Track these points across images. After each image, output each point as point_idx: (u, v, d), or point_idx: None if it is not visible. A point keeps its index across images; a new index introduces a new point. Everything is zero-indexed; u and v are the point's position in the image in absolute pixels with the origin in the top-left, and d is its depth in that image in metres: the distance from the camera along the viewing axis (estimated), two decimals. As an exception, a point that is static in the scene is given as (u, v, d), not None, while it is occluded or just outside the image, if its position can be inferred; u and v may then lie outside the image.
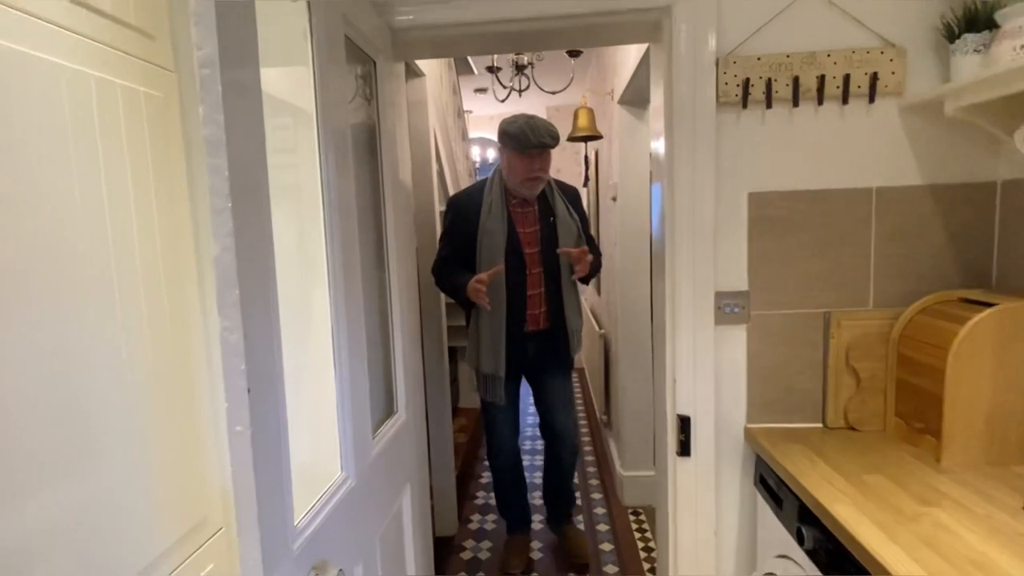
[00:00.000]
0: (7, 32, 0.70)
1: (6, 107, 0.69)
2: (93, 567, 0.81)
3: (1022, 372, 1.10)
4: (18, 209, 0.71)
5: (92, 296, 0.82)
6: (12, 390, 0.69)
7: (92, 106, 0.83)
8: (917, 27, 1.27)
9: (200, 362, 1.06)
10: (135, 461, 0.89)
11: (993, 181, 1.30)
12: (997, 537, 0.88)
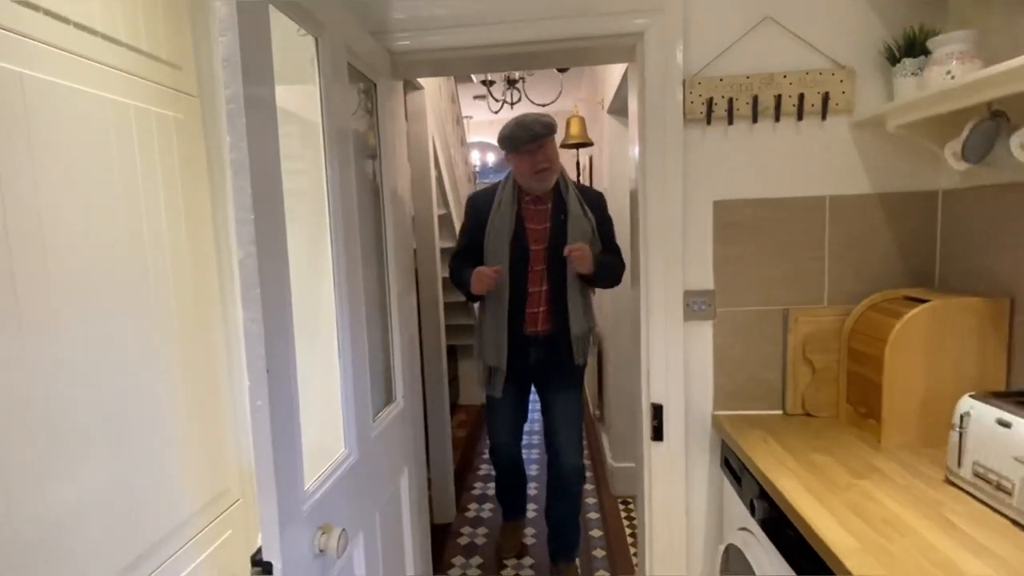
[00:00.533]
0: (67, 73, 0.84)
1: (65, 135, 0.84)
2: (135, 523, 0.95)
3: (952, 362, 1.23)
4: (74, 220, 0.85)
5: (132, 296, 0.96)
6: (73, 376, 0.83)
7: (132, 131, 0.97)
8: (864, 51, 1.40)
9: (220, 353, 1.20)
10: (168, 437, 1.03)
11: (935, 190, 1.43)
12: (913, 503, 1.01)
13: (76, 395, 0.84)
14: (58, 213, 0.82)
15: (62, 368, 0.82)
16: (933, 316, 1.23)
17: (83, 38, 0.88)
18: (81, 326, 0.85)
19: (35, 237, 0.78)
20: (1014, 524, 0.93)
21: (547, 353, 2.03)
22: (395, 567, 1.44)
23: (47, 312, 0.80)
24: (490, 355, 2.02)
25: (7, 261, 0.74)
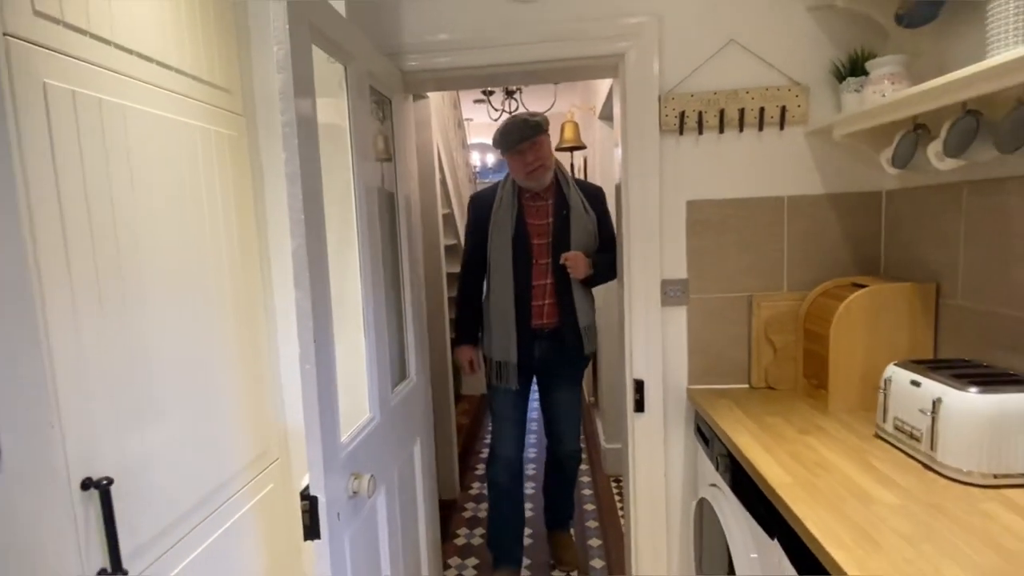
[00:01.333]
0: (153, 103, 1.05)
1: (152, 152, 1.04)
2: (200, 470, 1.16)
3: (887, 338, 1.44)
4: (158, 220, 1.05)
5: (198, 282, 1.17)
6: (157, 347, 1.04)
7: (197, 147, 1.18)
8: (817, 69, 1.61)
9: (262, 331, 1.41)
10: (223, 400, 1.24)
11: (879, 191, 1.64)
12: (844, 451, 1.22)
13: (158, 363, 1.05)
14: (147, 213, 1.02)
15: (149, 341, 1.03)
16: (871, 299, 1.44)
17: (163, 73, 1.08)
18: (162, 306, 1.06)
19: (131, 232, 0.99)
20: (923, 465, 1.13)
21: (552, 345, 2.07)
22: (409, 520, 1.65)
23: (140, 294, 1.00)
24: (499, 350, 2.05)
25: (115, 253, 0.95)
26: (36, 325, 0.80)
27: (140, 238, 1.01)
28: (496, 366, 2.08)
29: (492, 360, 2.09)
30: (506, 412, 2.15)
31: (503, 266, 2.02)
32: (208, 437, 1.18)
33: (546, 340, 2.08)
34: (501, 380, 2.07)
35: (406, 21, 1.68)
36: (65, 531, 0.85)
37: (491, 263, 2.06)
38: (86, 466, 0.87)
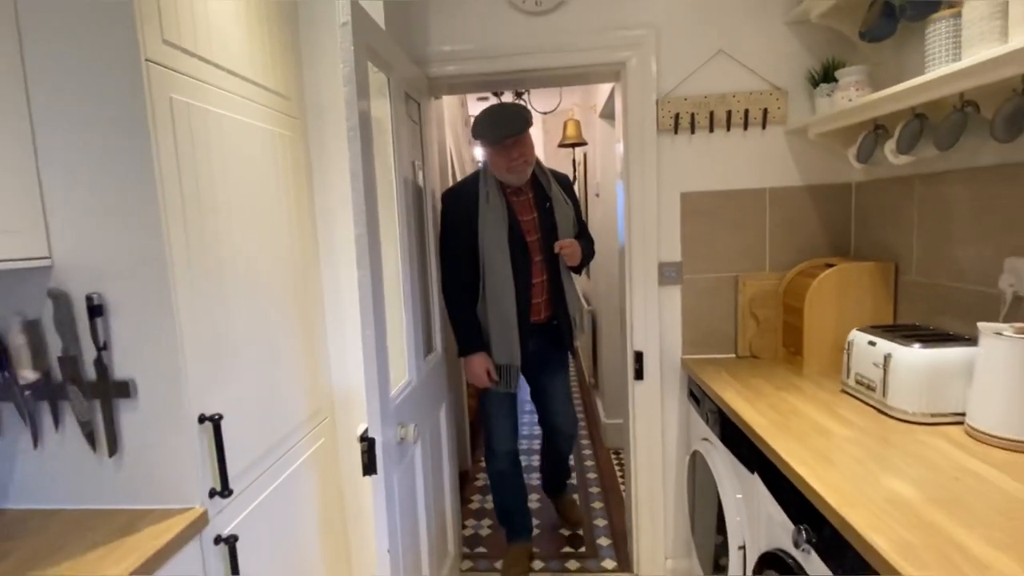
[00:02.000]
0: (238, 110, 1.26)
1: (242, 151, 1.25)
2: (270, 420, 1.37)
3: (853, 310, 1.67)
4: (241, 210, 1.26)
5: (271, 263, 1.38)
6: (241, 317, 1.25)
7: (268, 147, 1.38)
8: (795, 76, 1.83)
9: (319, 307, 1.62)
10: (289, 363, 1.45)
11: (850, 183, 1.86)
12: (813, 403, 1.45)
13: (243, 329, 1.26)
14: (234, 203, 1.23)
15: (238, 311, 1.24)
16: (839, 277, 1.67)
17: (245, 85, 1.29)
18: (244, 282, 1.27)
19: (226, 218, 1.20)
20: (876, 410, 1.36)
21: (544, 339, 2.08)
22: (438, 471, 1.88)
23: (233, 273, 1.21)
24: (501, 354, 1.97)
25: (215, 237, 1.16)
26: (169, 296, 1.02)
27: (232, 223, 1.22)
28: (498, 370, 2.01)
29: (495, 364, 2.00)
30: (502, 411, 2.12)
31: (501, 267, 1.91)
32: (278, 393, 1.39)
33: (538, 334, 2.06)
34: (502, 384, 2.01)
35: (432, 33, 1.88)
36: (186, 456, 1.06)
37: (486, 265, 1.91)
38: (201, 405, 1.08)
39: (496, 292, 1.93)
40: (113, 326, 1.03)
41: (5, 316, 1.03)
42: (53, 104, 0.98)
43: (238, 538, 1.14)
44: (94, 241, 1.01)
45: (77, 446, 1.06)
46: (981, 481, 1.00)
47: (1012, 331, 1.12)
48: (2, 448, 1.08)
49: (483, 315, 1.99)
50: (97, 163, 0.99)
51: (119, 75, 0.96)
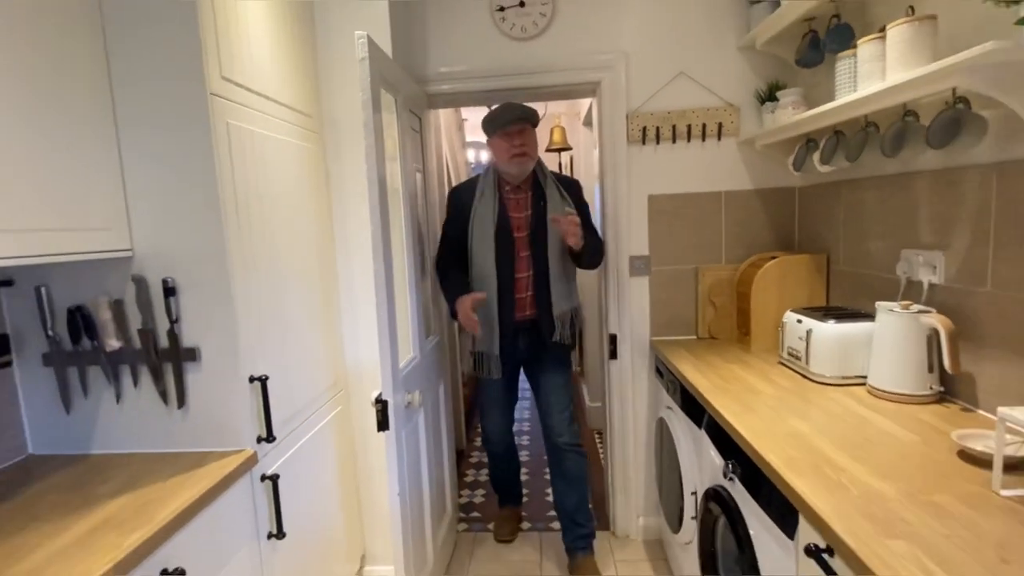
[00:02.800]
0: (275, 129, 1.52)
1: (275, 164, 1.52)
2: (303, 385, 1.64)
3: (792, 295, 1.96)
4: (279, 210, 1.53)
5: (302, 255, 1.64)
6: (287, 299, 1.52)
7: (297, 159, 1.65)
8: (745, 94, 2.11)
9: (336, 293, 1.89)
10: (316, 339, 1.72)
11: (793, 187, 2.15)
12: (753, 372, 1.73)
13: (280, 308, 1.52)
14: (274, 205, 1.49)
15: (275, 294, 1.50)
16: (779, 268, 1.96)
17: (279, 108, 1.55)
18: (280, 272, 1.53)
19: (268, 219, 1.46)
20: (800, 375, 1.65)
21: (534, 336, 2.08)
22: (437, 438, 2.15)
23: (273, 260, 1.48)
24: (480, 341, 2.05)
25: (260, 232, 1.42)
26: (228, 280, 1.28)
27: (270, 222, 1.48)
28: (478, 357, 2.08)
29: (475, 352, 2.09)
30: (494, 399, 2.23)
31: (485, 259, 1.99)
32: (307, 363, 1.66)
33: (527, 332, 2.08)
34: (483, 371, 2.08)
35: (431, 55, 2.15)
36: (240, 409, 1.33)
37: (473, 256, 2.02)
38: (251, 368, 1.35)
39: (479, 281, 2.02)
40: (183, 304, 1.29)
41: (95, 297, 1.29)
42: (136, 130, 1.25)
43: (279, 477, 1.41)
44: (168, 236, 1.27)
45: (152, 401, 1.33)
46: (863, 421, 1.29)
47: (899, 308, 1.41)
48: (88, 404, 1.34)
49: None
50: (170, 175, 1.25)
51: (191, 107, 1.23)
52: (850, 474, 1.04)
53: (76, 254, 1.12)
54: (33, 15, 1.05)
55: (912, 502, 0.94)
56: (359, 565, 2.08)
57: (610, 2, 2.11)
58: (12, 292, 1.31)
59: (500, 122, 1.95)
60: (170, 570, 1.03)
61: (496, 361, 2.05)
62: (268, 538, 1.38)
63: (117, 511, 1.06)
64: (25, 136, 1.02)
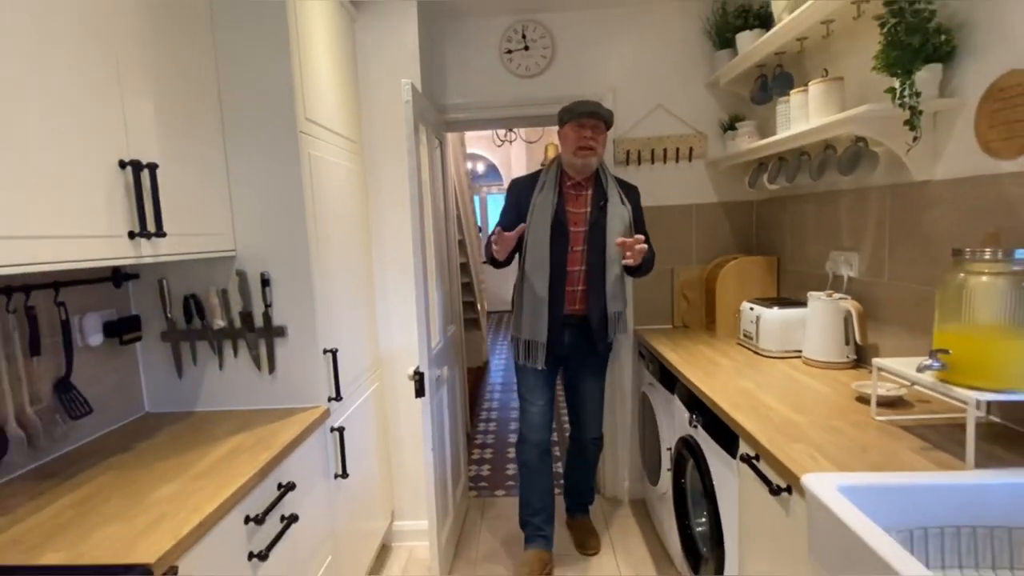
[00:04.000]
0: (332, 154, 1.91)
1: (333, 183, 1.90)
2: (355, 359, 2.01)
3: (749, 290, 2.38)
4: (335, 220, 1.91)
5: (352, 256, 2.03)
6: (340, 293, 1.90)
7: (347, 178, 2.03)
8: (711, 124, 2.54)
9: (375, 286, 2.27)
10: (362, 326, 2.10)
11: (751, 200, 2.58)
12: (715, 350, 2.15)
13: (341, 297, 1.90)
14: (334, 214, 1.87)
15: (338, 286, 1.88)
16: (738, 267, 2.38)
17: (337, 137, 1.94)
18: (340, 268, 1.91)
19: (330, 225, 1.84)
20: (752, 352, 2.07)
21: (581, 332, 2.10)
22: (454, 412, 2.54)
23: (333, 261, 1.85)
24: (528, 329, 2.06)
25: (327, 236, 1.80)
26: (309, 274, 1.66)
27: (332, 227, 1.86)
28: (525, 345, 2.09)
29: (520, 339, 2.10)
30: (535, 395, 2.16)
31: (540, 248, 2.02)
32: (358, 343, 2.04)
33: (575, 327, 2.10)
34: (529, 358, 2.09)
35: (450, 89, 2.56)
36: (316, 374, 1.70)
37: (528, 244, 2.04)
38: (325, 342, 1.73)
39: (532, 271, 2.03)
40: (274, 292, 1.67)
41: (206, 286, 1.66)
42: (242, 161, 1.62)
43: (344, 429, 1.79)
44: (263, 239, 1.65)
45: (248, 368, 1.70)
46: (794, 381, 1.71)
47: (824, 296, 1.83)
48: (196, 371, 1.71)
49: (518, 292, 2.12)
50: (265, 193, 1.63)
51: (285, 142, 1.61)
52: (776, 412, 1.45)
53: (201, 253, 1.49)
54: (181, 82, 1.43)
55: (814, 425, 1.35)
56: (390, 520, 2.45)
57: (599, 47, 2.53)
58: (138, 284, 1.67)
59: (576, 112, 2.00)
60: (283, 483, 1.40)
61: (542, 349, 2.05)
62: (335, 477, 1.76)
63: (240, 443, 1.43)
64: (174, 169, 1.39)
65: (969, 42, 1.35)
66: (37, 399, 1.35)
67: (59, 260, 1.02)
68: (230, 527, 1.16)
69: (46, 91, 1.01)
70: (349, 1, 2.14)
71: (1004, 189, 1.27)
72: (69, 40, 1.07)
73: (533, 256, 2.04)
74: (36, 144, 0.99)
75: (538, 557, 2.19)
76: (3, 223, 0.92)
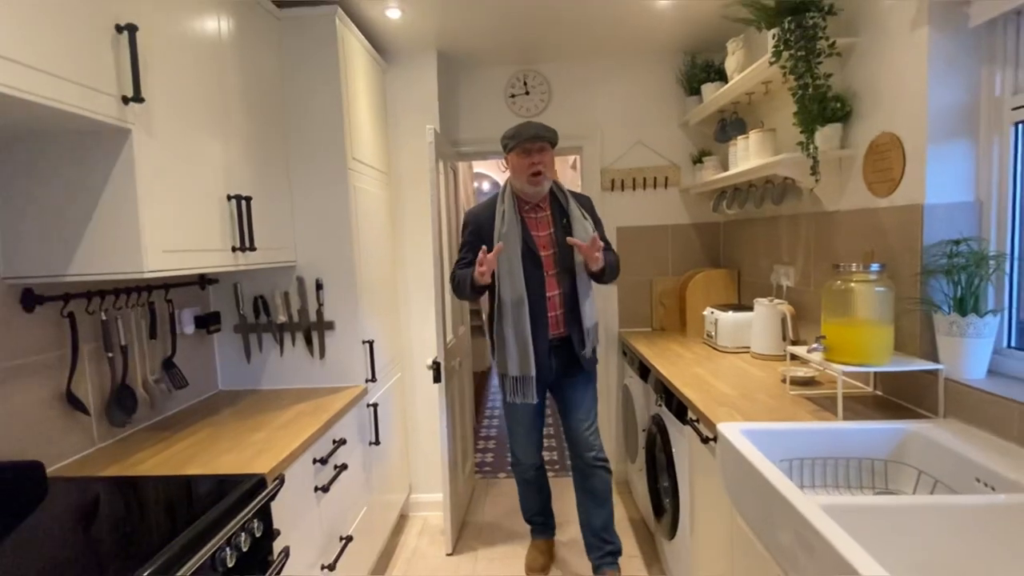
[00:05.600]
0: (369, 184, 2.36)
1: (370, 207, 2.35)
2: (387, 348, 2.45)
3: (715, 298, 2.81)
4: (371, 240, 2.36)
5: (384, 268, 2.47)
6: (376, 296, 2.35)
7: (379, 204, 2.49)
8: (684, 157, 3.00)
9: (399, 291, 2.71)
10: (389, 325, 2.54)
11: (718, 222, 3.03)
12: (683, 348, 2.57)
13: (376, 299, 2.33)
14: (369, 233, 2.31)
15: (374, 291, 2.31)
16: (705, 278, 2.82)
17: (373, 171, 2.40)
18: (374, 276, 2.35)
19: (367, 241, 2.29)
20: (712, 348, 2.49)
21: (564, 353, 2.11)
22: (463, 400, 2.96)
23: (370, 271, 2.29)
24: (516, 365, 2.04)
25: (366, 251, 2.24)
26: (354, 280, 2.10)
27: (370, 243, 2.31)
28: (513, 382, 2.06)
29: (508, 376, 2.07)
30: (524, 422, 2.19)
31: (516, 280, 2.01)
32: (388, 337, 2.47)
33: (559, 348, 2.11)
34: (519, 395, 2.06)
35: (462, 125, 3.02)
36: (357, 360, 2.14)
37: (501, 277, 2.02)
38: (364, 335, 2.16)
39: (509, 306, 2.01)
40: (326, 294, 2.11)
41: (271, 289, 2.10)
42: (303, 191, 2.07)
43: (378, 405, 2.22)
44: (318, 252, 2.09)
45: (303, 355, 2.13)
46: (739, 369, 2.13)
47: (767, 301, 2.27)
48: (261, 357, 2.15)
49: (498, 333, 2.07)
50: (321, 215, 2.08)
51: (337, 177, 2.06)
52: (716, 389, 1.88)
53: (274, 263, 1.94)
54: (262, 134, 1.89)
55: (742, 397, 1.77)
56: (408, 492, 2.86)
57: (589, 92, 2.99)
58: (216, 287, 2.12)
59: (520, 138, 1.99)
60: (336, 439, 1.83)
61: (532, 384, 2.04)
62: (370, 444, 2.18)
63: (302, 409, 1.86)
64: (260, 199, 1.85)
65: (859, 108, 1.80)
66: (153, 372, 1.78)
67: (199, 267, 1.46)
68: (304, 463, 1.59)
69: (192, 152, 1.47)
70: (381, 56, 2.61)
71: (879, 219, 1.70)
72: (204, 124, 1.53)
73: (510, 289, 2.01)
74: (188, 184, 1.44)
75: (548, 545, 2.44)
76: (175, 241, 1.36)
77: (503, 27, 2.47)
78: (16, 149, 1.27)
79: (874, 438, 1.42)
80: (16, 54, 0.96)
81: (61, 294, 1.43)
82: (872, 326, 1.50)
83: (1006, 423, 1.28)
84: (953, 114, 1.49)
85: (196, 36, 1.51)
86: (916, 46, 1.52)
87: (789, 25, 1.77)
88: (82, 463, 1.45)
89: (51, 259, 1.29)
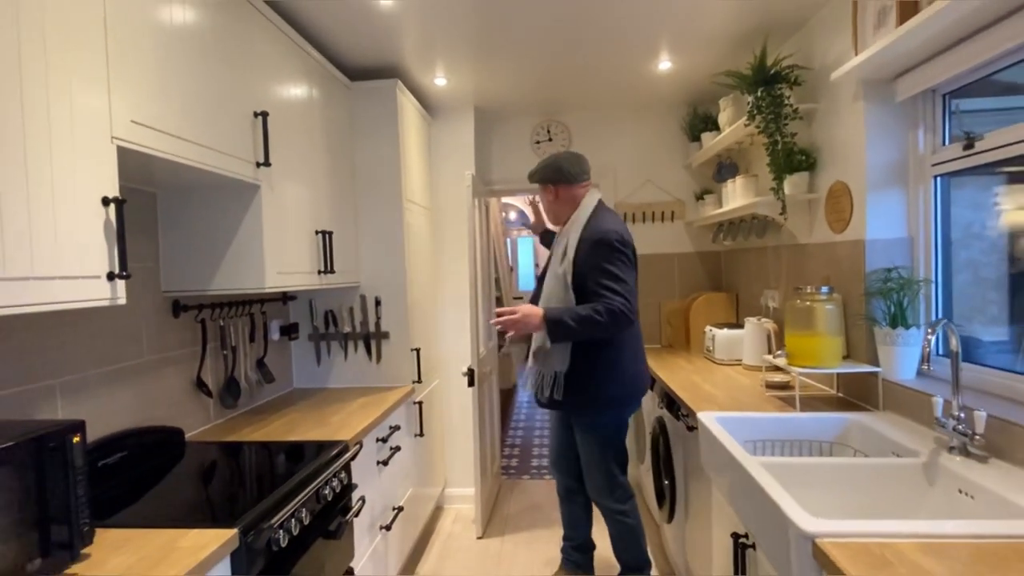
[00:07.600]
0: (417, 217, 2.84)
1: (418, 238, 2.83)
2: (428, 356, 2.89)
3: (714, 318, 3.18)
4: (419, 262, 2.83)
5: (428, 287, 2.93)
6: (422, 311, 2.80)
7: (424, 234, 2.96)
8: (688, 193, 3.41)
9: (438, 305, 3.17)
10: (432, 334, 2.98)
11: (720, 251, 3.41)
12: (686, 361, 2.95)
13: (422, 315, 2.78)
14: (417, 257, 2.78)
15: (422, 306, 2.76)
16: (706, 301, 3.19)
17: (419, 207, 2.87)
18: (421, 294, 2.80)
19: (416, 264, 2.75)
20: (711, 361, 2.86)
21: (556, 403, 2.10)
22: (492, 405, 3.37)
23: (418, 290, 2.75)
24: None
25: (415, 272, 2.70)
26: (405, 299, 2.56)
27: (418, 266, 2.77)
28: None
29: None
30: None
31: None
32: (429, 346, 2.91)
33: None
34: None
35: (494, 168, 3.50)
36: (407, 365, 2.58)
37: None
38: (413, 343, 2.61)
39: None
40: (383, 309, 2.57)
41: (339, 304, 2.57)
42: (366, 224, 2.56)
43: (423, 403, 2.65)
44: (377, 275, 2.56)
45: (363, 359, 2.59)
46: (728, 377, 2.50)
47: (755, 320, 2.64)
48: (329, 361, 2.60)
49: None
50: (380, 245, 2.55)
51: (394, 214, 2.54)
52: (707, 391, 2.25)
53: (345, 283, 2.40)
54: (339, 179, 2.38)
55: (725, 397, 2.14)
56: (443, 486, 3.26)
57: (604, 138, 3.45)
58: (295, 303, 2.60)
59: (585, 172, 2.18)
60: (392, 426, 2.26)
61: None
62: (415, 436, 2.61)
63: (366, 401, 2.30)
64: (337, 232, 2.33)
65: (821, 159, 2.19)
66: (251, 368, 2.25)
67: (297, 285, 1.94)
68: (371, 440, 2.02)
69: (294, 198, 1.96)
70: (428, 112, 3.12)
71: (836, 251, 2.08)
72: (301, 175, 2.02)
73: None
74: (291, 223, 1.92)
75: None
76: (283, 265, 1.84)
77: (530, 87, 2.95)
78: (179, 197, 1.77)
79: (824, 425, 1.78)
80: (200, 139, 1.45)
81: (196, 305, 1.91)
82: (824, 336, 1.88)
83: (924, 411, 1.64)
84: (887, 168, 1.88)
85: (299, 107, 2.02)
86: (856, 114, 1.93)
87: (761, 94, 2.19)
88: (204, 433, 1.90)
89: (199, 277, 1.77)
